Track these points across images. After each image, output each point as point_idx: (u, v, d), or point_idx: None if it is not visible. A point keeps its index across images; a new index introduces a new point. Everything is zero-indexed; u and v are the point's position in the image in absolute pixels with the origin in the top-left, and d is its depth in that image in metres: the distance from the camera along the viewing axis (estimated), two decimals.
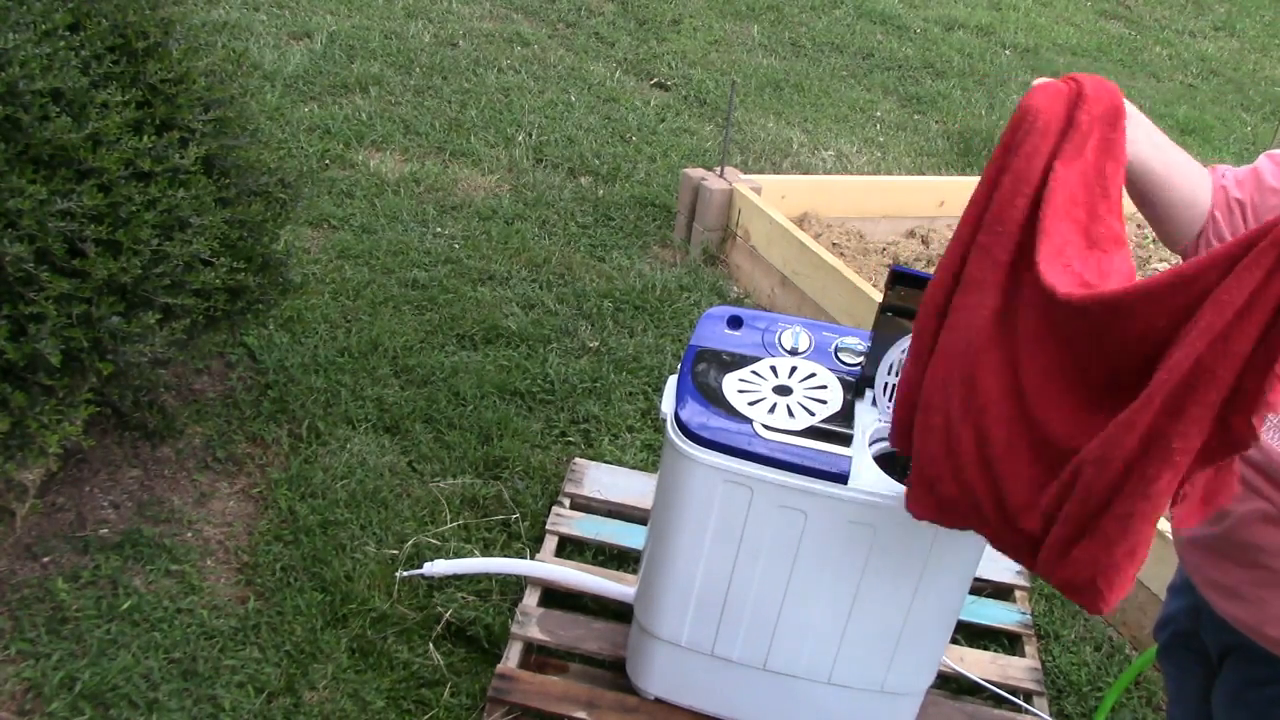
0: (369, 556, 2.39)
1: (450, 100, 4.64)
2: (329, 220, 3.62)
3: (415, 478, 2.64)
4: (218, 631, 2.17)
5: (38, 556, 2.25)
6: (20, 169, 1.87)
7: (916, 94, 5.82)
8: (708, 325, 2.02)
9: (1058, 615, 2.57)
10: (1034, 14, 7.62)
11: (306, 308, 3.11)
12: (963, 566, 1.84)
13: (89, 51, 2.04)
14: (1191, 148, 5.94)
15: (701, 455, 1.78)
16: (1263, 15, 8.80)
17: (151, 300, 2.05)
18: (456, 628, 2.27)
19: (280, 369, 2.86)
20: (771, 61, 5.85)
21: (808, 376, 1.92)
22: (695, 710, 2.10)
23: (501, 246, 3.66)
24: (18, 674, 2.02)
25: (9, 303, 1.85)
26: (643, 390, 3.07)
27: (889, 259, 4.00)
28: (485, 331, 3.19)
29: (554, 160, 4.32)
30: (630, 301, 3.47)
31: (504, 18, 5.70)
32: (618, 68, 5.34)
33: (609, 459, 2.78)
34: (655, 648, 2.03)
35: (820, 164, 4.79)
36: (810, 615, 1.90)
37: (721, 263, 3.88)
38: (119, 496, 2.42)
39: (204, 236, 2.14)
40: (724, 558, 1.86)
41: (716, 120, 5.00)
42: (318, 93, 4.48)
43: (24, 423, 1.88)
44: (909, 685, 1.99)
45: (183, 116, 2.20)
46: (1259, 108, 6.92)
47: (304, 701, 2.07)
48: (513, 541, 2.52)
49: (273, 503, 2.49)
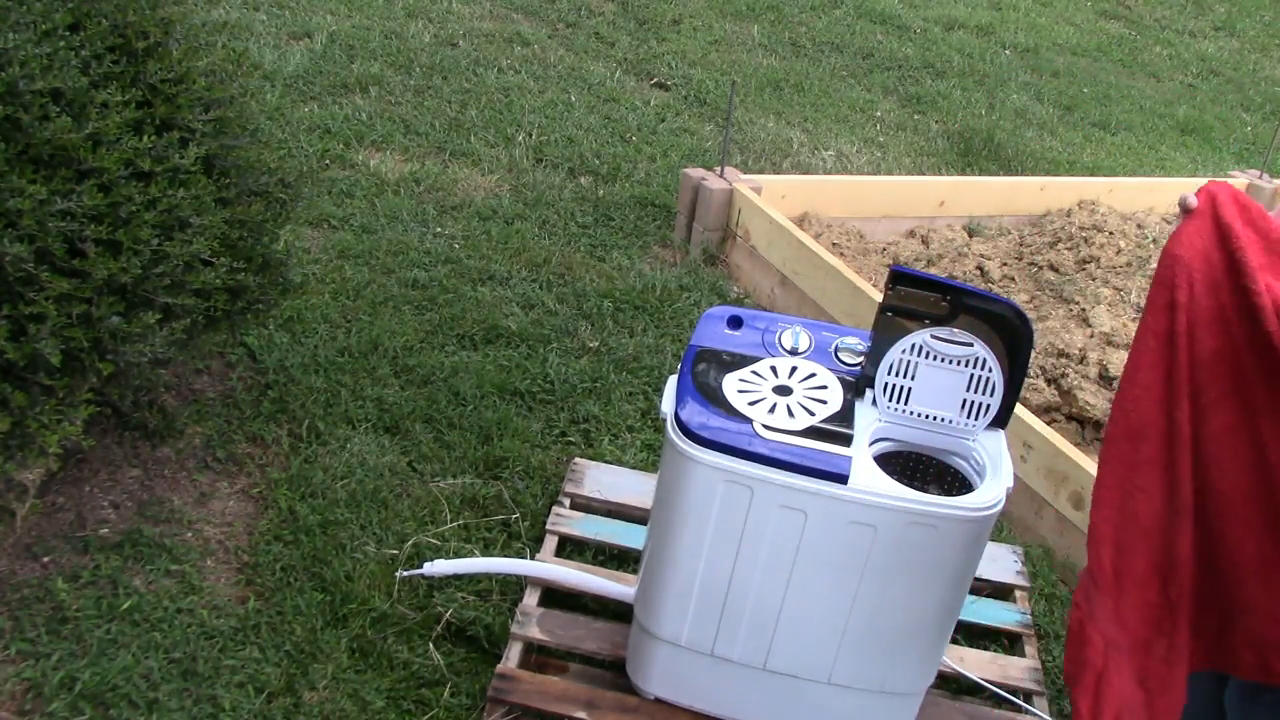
0: (369, 556, 2.39)
1: (450, 100, 4.64)
2: (329, 220, 3.62)
3: (415, 478, 2.64)
4: (218, 631, 2.17)
5: (38, 556, 2.25)
6: (20, 169, 1.87)
7: (916, 94, 5.82)
8: (708, 325, 2.02)
9: (1058, 615, 2.57)
10: (1034, 14, 7.62)
11: (306, 308, 3.11)
12: (963, 566, 1.84)
13: (89, 51, 2.04)
14: (1191, 148, 5.95)
15: (701, 455, 1.78)
16: (1263, 15, 8.81)
17: (151, 300, 2.05)
18: (456, 628, 2.27)
19: (280, 369, 2.86)
20: (771, 61, 5.85)
21: (808, 376, 1.92)
22: (695, 710, 2.10)
23: (501, 246, 3.66)
24: (18, 674, 2.02)
25: (9, 303, 1.85)
26: (643, 390, 3.07)
27: (889, 259, 4.01)
28: (485, 331, 3.19)
29: (554, 160, 4.32)
30: (630, 301, 3.47)
31: (504, 18, 5.70)
32: (618, 68, 5.34)
33: (609, 459, 2.78)
34: (655, 648, 2.03)
35: (820, 164, 4.79)
36: (810, 615, 1.90)
37: (721, 263, 3.88)
38: (119, 496, 2.42)
39: (204, 236, 2.14)
40: (724, 558, 1.86)
41: (716, 120, 5.00)
42: (318, 93, 4.48)
43: (24, 423, 1.88)
44: (909, 685, 1.99)
45: (183, 116, 2.20)
46: (1259, 108, 6.92)
47: (304, 701, 2.07)
48: (513, 541, 2.52)
49: (273, 503, 2.49)
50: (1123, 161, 5.58)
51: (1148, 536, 1.40)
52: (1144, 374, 1.37)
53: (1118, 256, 3.99)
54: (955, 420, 1.89)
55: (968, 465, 1.90)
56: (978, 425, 1.88)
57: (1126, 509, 1.40)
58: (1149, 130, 6.09)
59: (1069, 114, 6.06)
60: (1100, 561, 1.43)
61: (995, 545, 2.66)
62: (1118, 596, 1.43)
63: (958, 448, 1.91)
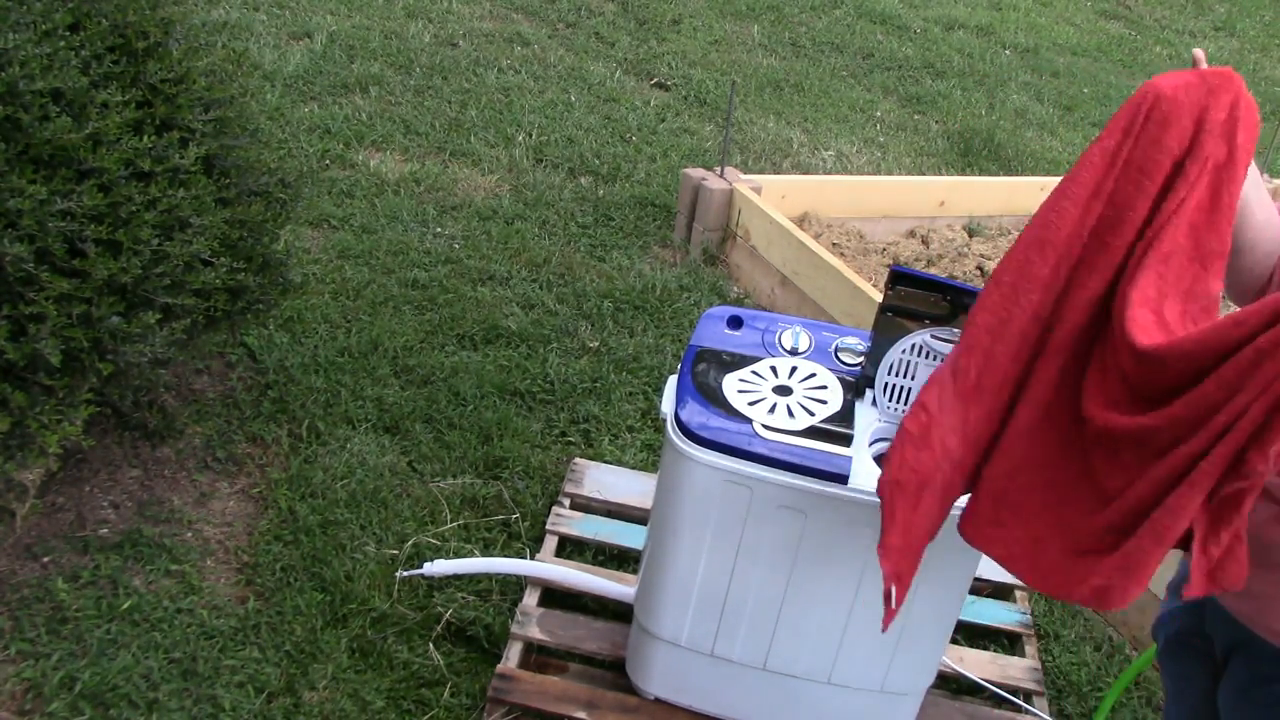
0: (369, 556, 2.39)
1: (450, 100, 4.64)
2: (329, 220, 3.62)
3: (415, 478, 2.64)
4: (218, 631, 2.17)
5: (38, 556, 2.25)
6: (20, 169, 1.87)
7: (916, 94, 5.82)
8: (708, 325, 2.02)
9: (1058, 615, 2.57)
10: (1034, 14, 7.62)
11: (306, 308, 3.11)
12: (963, 566, 1.84)
13: (89, 51, 2.04)
14: None
15: (701, 455, 1.78)
16: (1263, 15, 8.80)
17: (151, 300, 2.05)
18: (456, 628, 2.27)
19: (280, 369, 2.86)
20: (771, 61, 5.85)
21: (808, 377, 1.92)
22: (695, 710, 2.10)
23: (501, 246, 3.66)
24: (18, 674, 2.02)
25: (9, 303, 1.85)
26: (643, 390, 3.07)
27: (889, 259, 4.00)
28: (485, 331, 3.19)
29: (554, 160, 4.32)
30: (630, 301, 3.47)
31: (504, 18, 5.70)
32: (618, 68, 5.34)
33: (609, 459, 2.78)
34: (655, 648, 2.03)
35: (820, 164, 4.79)
36: (810, 615, 1.90)
37: (721, 263, 3.88)
38: (119, 496, 2.42)
39: (204, 236, 2.14)
40: (724, 558, 1.86)
41: (716, 120, 5.00)
42: (318, 93, 4.48)
43: (24, 423, 1.88)
44: (909, 685, 1.99)
45: (183, 116, 2.20)
46: (1259, 108, 6.91)
47: (304, 701, 2.07)
48: (513, 541, 2.52)
49: (273, 503, 2.49)
50: None
51: (1015, 356, 1.37)
52: (1076, 188, 1.32)
53: None
54: None
55: None
56: None
57: (1006, 317, 1.36)
58: None
59: (1069, 114, 6.06)
60: (967, 372, 1.40)
61: None
62: (968, 407, 1.40)
63: None
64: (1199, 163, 1.28)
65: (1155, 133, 1.29)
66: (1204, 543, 1.19)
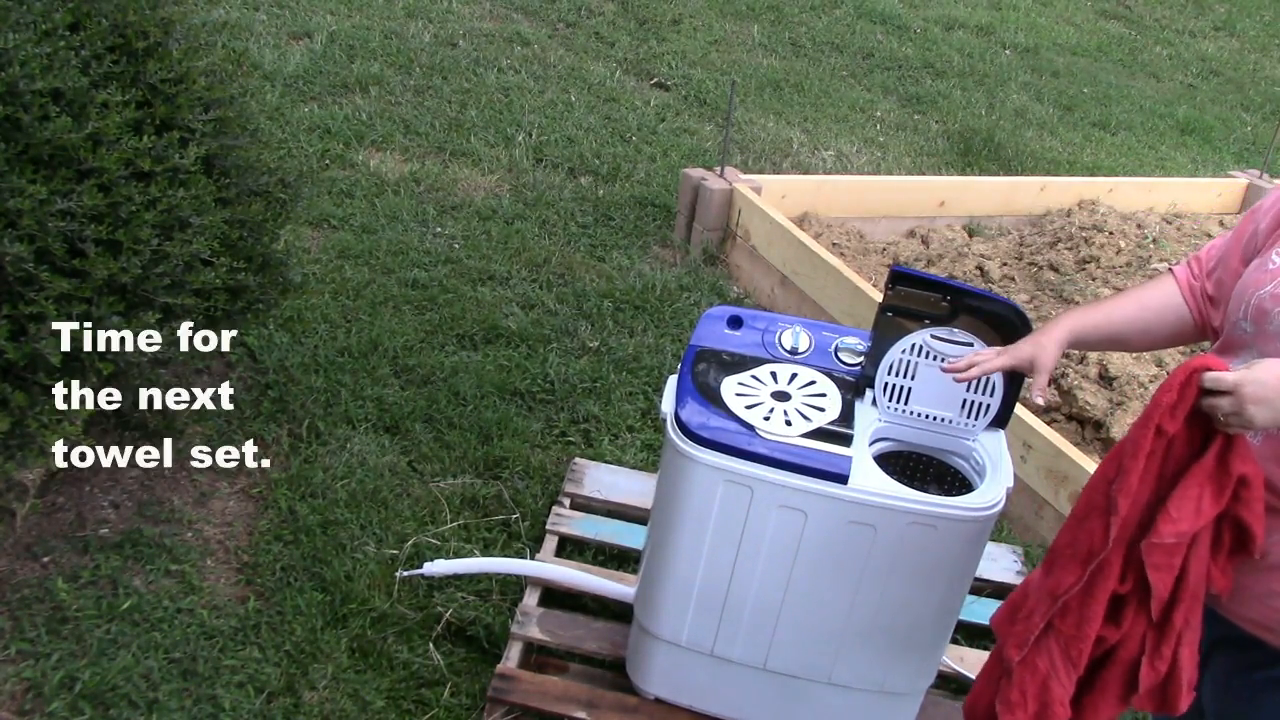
0: (369, 556, 2.39)
1: (450, 100, 4.64)
2: (329, 220, 3.62)
3: (415, 478, 2.64)
4: (218, 631, 2.17)
5: (38, 556, 2.25)
6: (20, 169, 1.87)
7: (916, 94, 5.82)
8: (708, 325, 2.02)
9: None
10: (1034, 14, 7.62)
11: (306, 308, 3.11)
12: (963, 566, 1.84)
13: (89, 51, 2.04)
14: (1191, 148, 5.95)
15: (701, 455, 1.78)
16: (1263, 15, 8.81)
17: (151, 300, 2.05)
18: (456, 628, 2.27)
19: (280, 369, 2.86)
20: (771, 61, 5.85)
21: (807, 384, 1.92)
22: (695, 710, 2.10)
23: (501, 246, 3.66)
24: (18, 674, 2.02)
25: (9, 303, 1.85)
26: (643, 390, 3.07)
27: (889, 259, 4.00)
28: (485, 331, 3.19)
29: (554, 160, 4.32)
30: (630, 301, 3.47)
31: (504, 18, 5.70)
32: (618, 68, 5.34)
33: (609, 459, 2.78)
34: (655, 648, 2.03)
35: (820, 164, 4.79)
36: (810, 615, 1.90)
37: (721, 263, 3.88)
38: (119, 496, 2.42)
39: (204, 236, 2.14)
40: (724, 557, 1.86)
41: (716, 120, 5.00)
42: (318, 93, 4.48)
43: (24, 423, 1.88)
44: (909, 685, 1.99)
45: (183, 116, 2.20)
46: (1259, 108, 6.92)
47: (304, 701, 2.07)
48: (513, 541, 2.52)
49: (273, 503, 2.49)
50: (1123, 161, 5.58)
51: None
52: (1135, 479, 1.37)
53: (1118, 256, 3.99)
54: (955, 420, 1.89)
55: (968, 465, 1.90)
56: (978, 425, 1.88)
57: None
58: (1149, 130, 6.09)
59: (1069, 114, 6.06)
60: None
61: (995, 545, 2.66)
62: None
63: (958, 448, 1.91)
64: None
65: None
66: (1150, 659, 1.35)
